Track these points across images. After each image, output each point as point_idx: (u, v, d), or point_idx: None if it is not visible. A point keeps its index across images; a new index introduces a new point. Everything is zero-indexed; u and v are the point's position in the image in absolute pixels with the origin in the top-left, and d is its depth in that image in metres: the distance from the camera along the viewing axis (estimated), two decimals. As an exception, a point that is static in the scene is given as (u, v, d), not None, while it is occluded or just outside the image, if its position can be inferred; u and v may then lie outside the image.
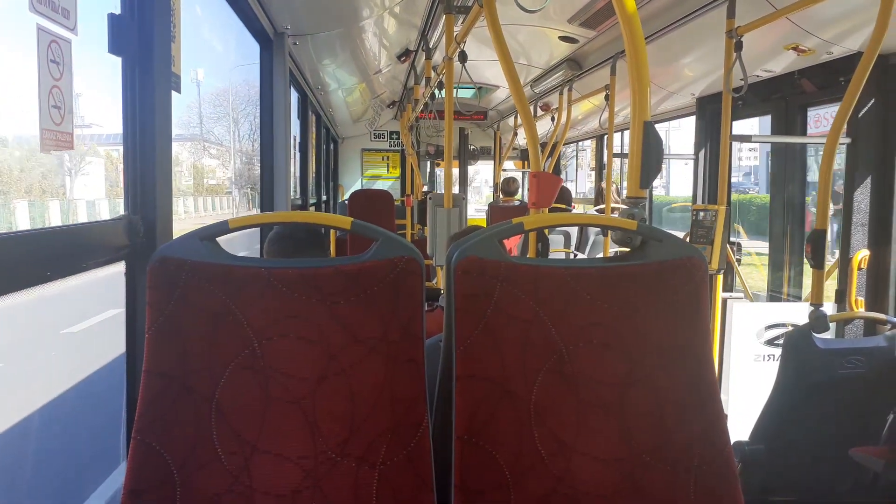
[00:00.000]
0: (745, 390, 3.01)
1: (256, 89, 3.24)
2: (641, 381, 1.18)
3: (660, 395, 1.18)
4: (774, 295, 3.99)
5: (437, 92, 4.10)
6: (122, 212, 1.47)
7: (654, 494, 1.17)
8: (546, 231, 2.19)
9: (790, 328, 3.00)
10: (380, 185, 8.91)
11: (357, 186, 8.82)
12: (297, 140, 4.86)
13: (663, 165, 1.54)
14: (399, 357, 1.16)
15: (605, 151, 4.78)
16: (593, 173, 7.17)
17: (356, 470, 1.13)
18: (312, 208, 5.74)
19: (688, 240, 3.38)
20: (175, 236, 1.36)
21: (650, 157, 1.46)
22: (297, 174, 4.93)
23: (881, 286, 3.08)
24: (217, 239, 1.18)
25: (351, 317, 1.15)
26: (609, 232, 4.52)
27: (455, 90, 3.10)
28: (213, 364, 1.13)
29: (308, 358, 1.14)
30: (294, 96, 4.52)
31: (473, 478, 1.13)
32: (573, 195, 8.33)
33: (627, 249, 1.31)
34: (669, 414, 1.18)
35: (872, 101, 3.01)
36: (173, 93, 1.62)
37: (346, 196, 7.86)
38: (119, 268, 1.45)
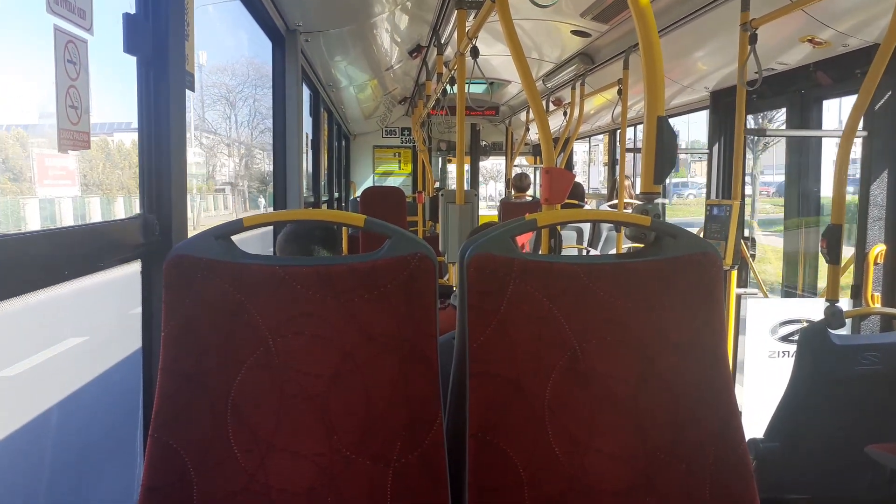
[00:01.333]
0: (760, 387, 2.99)
1: (258, 68, 3.20)
2: (656, 377, 1.18)
3: (674, 391, 1.18)
4: (789, 290, 3.96)
5: (448, 87, 4.09)
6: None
7: (670, 492, 1.16)
8: (559, 227, 2.19)
9: (805, 324, 2.98)
10: (391, 181, 8.91)
11: (369, 183, 8.83)
12: (310, 137, 4.87)
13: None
14: (412, 354, 1.16)
15: (618, 146, 4.76)
16: (604, 168, 7.14)
17: (371, 468, 1.13)
18: (325, 206, 5.75)
19: (701, 235, 3.36)
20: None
21: (664, 152, 1.46)
22: (310, 171, 4.94)
23: (898, 281, 3.05)
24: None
25: (365, 314, 1.15)
26: (622, 228, 4.50)
27: (467, 85, 3.10)
28: (229, 362, 1.13)
29: (322, 355, 1.14)
30: (306, 93, 4.53)
31: (487, 476, 1.14)
32: (587, 190, 8.31)
33: (641, 246, 1.30)
34: (684, 411, 1.18)
35: (889, 93, 2.98)
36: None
37: (358, 193, 7.88)
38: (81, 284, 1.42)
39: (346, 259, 1.19)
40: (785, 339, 3.07)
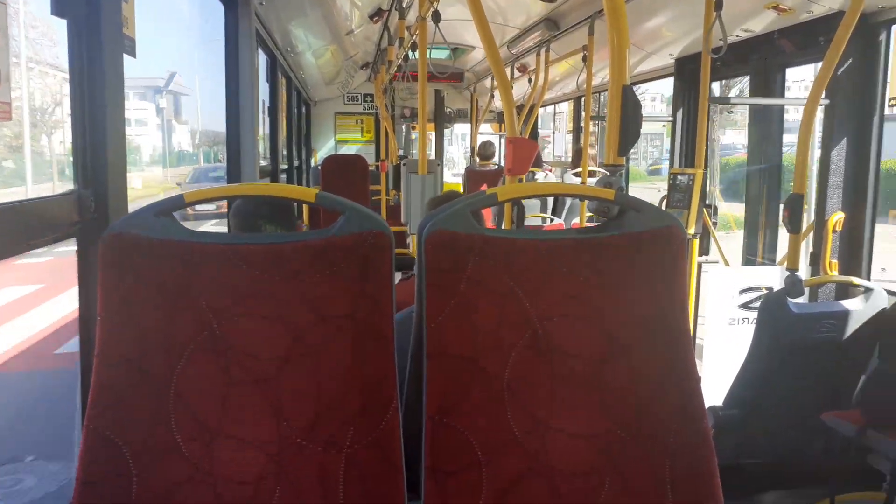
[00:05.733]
0: (720, 354, 3.02)
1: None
2: (618, 354, 1.15)
3: (637, 368, 1.16)
4: (750, 258, 4.00)
5: (410, 53, 3.99)
6: None
7: (631, 470, 1.15)
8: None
9: (765, 291, 3.01)
10: (354, 149, 8.74)
11: (331, 150, 8.65)
12: (266, 104, 4.72)
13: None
14: (368, 335, 1.11)
15: (583, 114, 4.72)
16: (569, 136, 7.11)
17: (322, 454, 1.09)
18: (283, 175, 5.62)
19: (664, 204, 3.36)
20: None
21: (629, 123, 1.42)
22: (267, 139, 4.80)
23: (855, 248, 3.10)
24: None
25: (317, 294, 1.10)
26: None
27: (429, 51, 3.01)
28: (171, 346, 1.07)
29: (271, 337, 1.09)
30: (262, 59, 4.37)
31: (444, 459, 1.10)
32: (552, 157, 8.28)
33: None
34: (646, 387, 1.16)
35: (850, 61, 2.98)
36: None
37: (320, 161, 7.70)
38: None
39: (297, 236, 1.13)
40: (745, 306, 3.10)
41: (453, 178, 9.66)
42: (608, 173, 1.46)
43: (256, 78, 3.22)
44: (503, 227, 2.21)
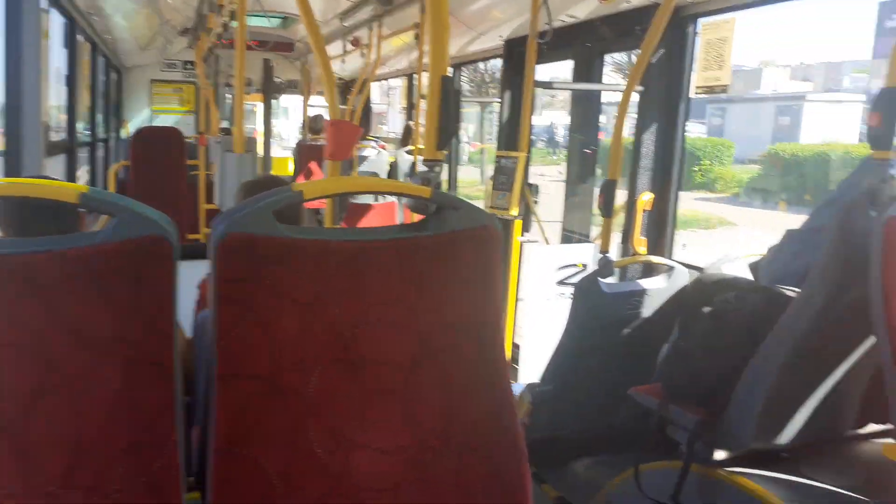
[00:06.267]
0: (538, 331, 3.14)
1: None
2: (429, 360, 1.11)
3: (448, 374, 1.12)
4: (567, 234, 4.18)
5: (231, 21, 3.71)
6: None
7: (441, 480, 1.11)
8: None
9: (581, 267, 3.16)
10: (172, 120, 8.00)
11: (146, 122, 7.90)
12: (63, 73, 4.18)
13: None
14: (142, 360, 0.96)
15: (415, 92, 4.67)
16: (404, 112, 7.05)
17: (83, 503, 0.94)
18: (86, 148, 5.04)
19: (490, 186, 3.42)
20: None
21: (448, 115, 1.37)
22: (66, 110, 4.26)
23: (662, 227, 3.32)
24: None
25: (77, 314, 0.93)
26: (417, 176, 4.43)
27: (258, 18, 2.79)
28: None
29: (18, 370, 0.92)
30: (59, 21, 3.86)
31: (234, 494, 0.99)
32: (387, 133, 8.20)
33: None
34: (458, 393, 1.13)
35: (662, 51, 3.15)
36: None
37: (131, 133, 6.99)
38: None
39: (49, 244, 0.94)
40: (562, 283, 3.23)
41: (283, 151, 9.28)
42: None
43: (43, 43, 2.81)
44: (325, 226, 2.09)
